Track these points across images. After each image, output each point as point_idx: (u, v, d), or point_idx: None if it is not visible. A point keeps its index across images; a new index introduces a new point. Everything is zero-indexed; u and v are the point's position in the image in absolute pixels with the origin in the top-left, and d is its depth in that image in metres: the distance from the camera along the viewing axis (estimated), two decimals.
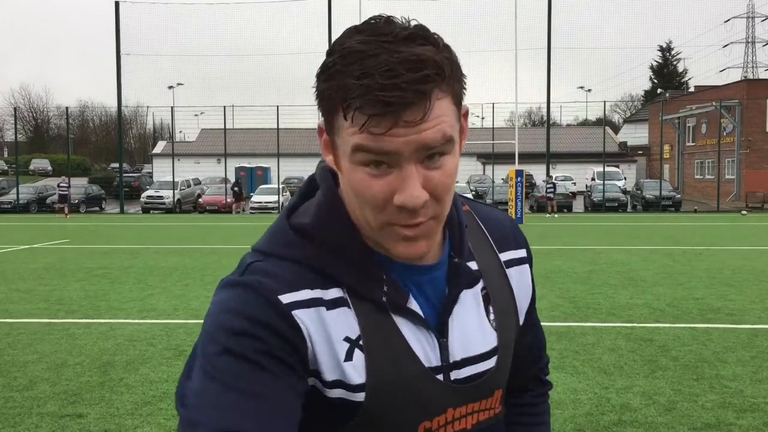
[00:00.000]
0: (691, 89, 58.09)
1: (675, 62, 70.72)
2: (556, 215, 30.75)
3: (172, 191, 36.53)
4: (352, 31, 0.89)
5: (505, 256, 1.12)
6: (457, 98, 0.93)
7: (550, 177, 34.16)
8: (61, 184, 32.75)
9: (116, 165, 56.01)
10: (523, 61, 55.93)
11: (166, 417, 4.79)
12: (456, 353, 1.01)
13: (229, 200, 35.81)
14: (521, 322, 1.14)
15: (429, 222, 0.93)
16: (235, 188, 35.92)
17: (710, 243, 17.54)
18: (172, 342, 6.93)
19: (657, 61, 70.44)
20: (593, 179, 42.88)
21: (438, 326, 1.00)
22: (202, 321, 4.87)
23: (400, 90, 0.83)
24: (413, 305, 0.99)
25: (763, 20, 70.58)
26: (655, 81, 70.15)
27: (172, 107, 39.61)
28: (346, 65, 0.85)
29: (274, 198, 36.01)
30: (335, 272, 0.96)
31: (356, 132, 0.86)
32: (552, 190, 31.74)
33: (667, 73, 70.15)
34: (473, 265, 1.06)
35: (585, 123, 66.85)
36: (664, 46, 69.33)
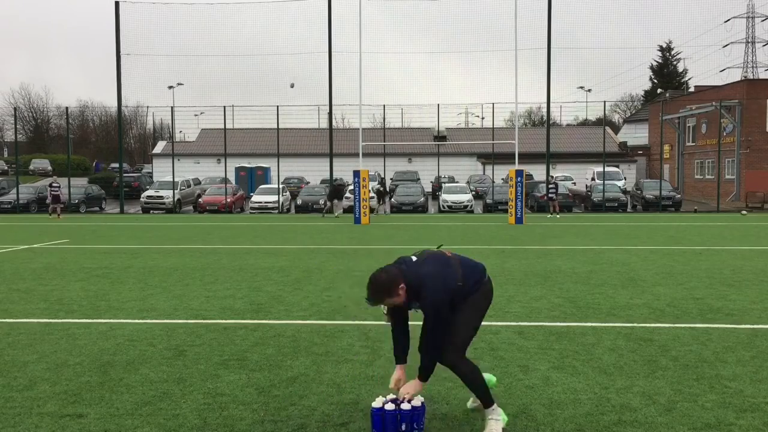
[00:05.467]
0: (691, 89, 58.09)
1: (675, 62, 70.75)
2: (558, 215, 30.59)
3: (172, 191, 36.54)
4: None
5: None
6: None
7: (552, 177, 33.87)
8: (53, 185, 31.94)
9: (116, 165, 56.00)
10: (523, 61, 55.97)
11: (166, 417, 4.79)
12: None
13: (372, 203, 32.17)
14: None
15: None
16: (381, 187, 33.55)
17: (710, 243, 17.54)
18: (172, 342, 6.93)
19: (657, 61, 70.46)
20: (593, 179, 42.88)
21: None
22: (202, 321, 4.92)
23: None
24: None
25: (763, 20, 70.62)
26: (655, 81, 70.17)
27: (172, 107, 39.60)
28: None
29: (274, 198, 35.98)
30: None
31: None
32: (554, 190, 31.46)
33: (667, 73, 70.16)
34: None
35: (585, 123, 66.82)
36: (664, 46, 69.37)
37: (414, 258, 4.50)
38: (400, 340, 4.62)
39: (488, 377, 4.86)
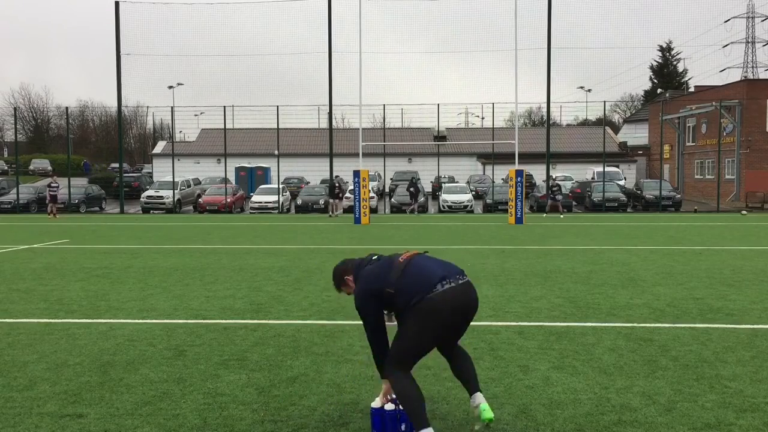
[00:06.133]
0: (691, 89, 58.09)
1: (675, 62, 70.74)
2: (562, 215, 30.42)
3: (172, 191, 36.54)
4: None
5: None
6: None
7: (554, 179, 33.52)
8: (52, 185, 31.95)
9: (116, 165, 56.01)
10: (522, 61, 56.06)
11: (166, 417, 4.79)
12: None
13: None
14: None
15: None
16: (413, 188, 34.12)
17: (710, 243, 17.54)
18: (172, 342, 6.93)
19: (657, 61, 70.46)
20: (593, 179, 42.85)
21: None
22: (202, 321, 4.93)
23: None
24: None
25: (763, 20, 70.62)
26: (655, 81, 70.16)
27: (172, 107, 39.61)
28: None
29: (274, 198, 35.99)
30: None
31: None
32: (558, 191, 31.28)
33: (667, 73, 70.15)
34: None
35: (585, 123, 66.82)
36: (664, 46, 69.37)
37: (375, 256, 4.60)
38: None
39: (483, 408, 4.38)
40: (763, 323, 7.78)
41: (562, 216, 30.13)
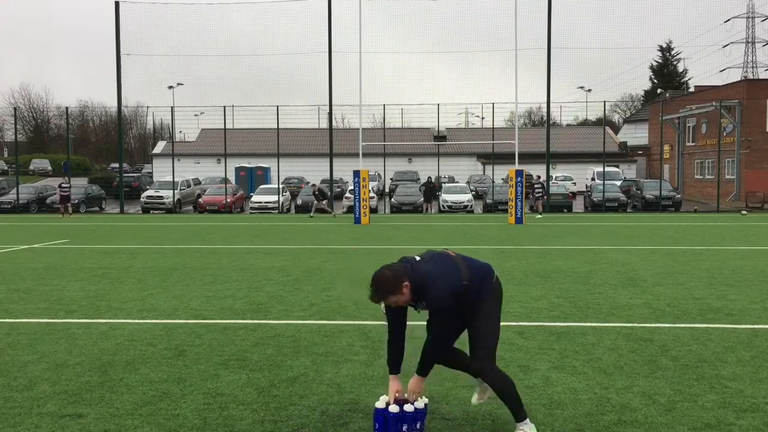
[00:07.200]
0: (691, 89, 58.08)
1: (675, 62, 70.76)
2: (538, 215, 30.71)
3: (172, 191, 36.53)
4: None
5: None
6: None
7: (537, 177, 33.94)
8: (63, 185, 32.84)
9: (116, 165, 56.01)
10: (522, 61, 55.99)
11: (166, 417, 4.79)
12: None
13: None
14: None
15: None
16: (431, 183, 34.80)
17: (710, 243, 17.54)
18: (172, 342, 6.93)
19: (657, 61, 70.47)
20: (593, 179, 42.85)
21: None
22: (202, 321, 4.92)
23: None
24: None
25: (763, 20, 70.61)
26: (655, 81, 70.19)
27: (172, 107, 39.59)
28: None
29: (274, 198, 35.99)
30: None
31: None
32: (540, 190, 31.82)
33: (667, 73, 70.17)
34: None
35: (585, 123, 66.81)
36: (664, 46, 69.37)
37: (417, 258, 4.44)
38: (396, 347, 4.49)
39: None
40: (763, 323, 7.78)
41: (539, 216, 30.27)
